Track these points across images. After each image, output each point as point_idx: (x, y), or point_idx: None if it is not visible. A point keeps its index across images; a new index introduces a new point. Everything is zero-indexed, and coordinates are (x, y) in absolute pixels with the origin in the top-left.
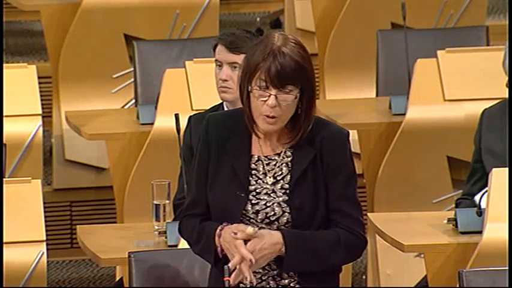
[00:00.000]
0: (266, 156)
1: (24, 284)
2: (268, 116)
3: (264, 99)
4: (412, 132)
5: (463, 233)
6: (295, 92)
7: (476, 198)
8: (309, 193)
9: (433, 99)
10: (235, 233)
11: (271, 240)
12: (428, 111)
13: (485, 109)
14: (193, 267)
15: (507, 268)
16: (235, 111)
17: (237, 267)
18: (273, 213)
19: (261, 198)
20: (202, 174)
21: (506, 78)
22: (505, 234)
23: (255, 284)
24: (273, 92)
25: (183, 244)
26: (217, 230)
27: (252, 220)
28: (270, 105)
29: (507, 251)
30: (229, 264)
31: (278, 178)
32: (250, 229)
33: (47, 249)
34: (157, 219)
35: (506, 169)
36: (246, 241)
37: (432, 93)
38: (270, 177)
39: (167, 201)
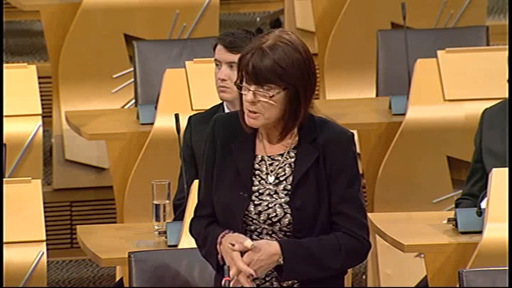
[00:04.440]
0: (269, 157)
1: (24, 284)
2: (249, 111)
3: (245, 93)
4: (412, 132)
5: (463, 233)
6: (273, 92)
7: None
8: (311, 194)
9: (433, 99)
10: (233, 244)
11: (269, 251)
12: (428, 111)
13: (485, 109)
14: (193, 267)
15: (507, 268)
16: None
17: (235, 278)
18: (274, 214)
19: (264, 199)
20: (209, 175)
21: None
22: (505, 234)
23: None
24: (252, 87)
25: (183, 244)
26: (219, 237)
27: (254, 221)
28: (247, 100)
29: (507, 251)
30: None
31: (281, 179)
32: (248, 242)
33: (47, 249)
34: (157, 219)
35: (506, 169)
36: (243, 252)
37: (432, 93)
38: (272, 177)
39: (167, 201)
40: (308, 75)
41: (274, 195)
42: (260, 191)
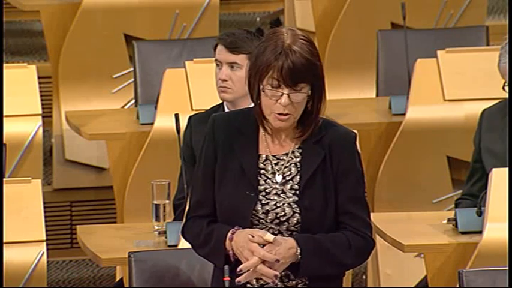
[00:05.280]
0: (274, 156)
1: (24, 284)
2: (281, 114)
3: (277, 98)
4: (412, 132)
5: (463, 233)
6: (306, 90)
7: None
8: (319, 194)
9: (433, 99)
10: (253, 236)
11: (285, 245)
12: (428, 111)
13: (484, 109)
14: (193, 267)
15: (507, 268)
16: (240, 111)
17: (251, 268)
18: (283, 213)
19: (271, 198)
20: (208, 174)
21: (503, 80)
22: (505, 234)
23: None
24: (286, 91)
25: (183, 244)
26: (229, 234)
27: (261, 220)
28: (283, 104)
29: (507, 251)
30: (245, 265)
31: (287, 178)
32: (268, 235)
33: (47, 249)
34: (157, 219)
35: (506, 169)
36: (262, 246)
37: (432, 93)
38: (279, 176)
39: (167, 201)
40: (322, 68)
41: (281, 195)
42: (267, 190)
